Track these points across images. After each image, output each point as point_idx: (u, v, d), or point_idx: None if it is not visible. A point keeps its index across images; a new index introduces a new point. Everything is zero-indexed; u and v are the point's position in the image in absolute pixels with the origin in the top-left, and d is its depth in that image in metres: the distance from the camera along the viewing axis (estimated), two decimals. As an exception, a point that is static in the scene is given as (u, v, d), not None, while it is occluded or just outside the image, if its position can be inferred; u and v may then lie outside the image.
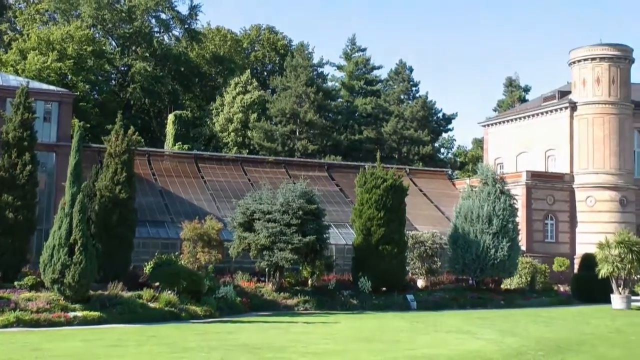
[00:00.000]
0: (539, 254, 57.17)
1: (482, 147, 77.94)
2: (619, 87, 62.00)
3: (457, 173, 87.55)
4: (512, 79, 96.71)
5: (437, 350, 24.40)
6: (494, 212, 44.53)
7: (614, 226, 57.37)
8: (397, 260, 41.92)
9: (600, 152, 61.40)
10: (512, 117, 70.79)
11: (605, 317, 37.50)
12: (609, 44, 62.68)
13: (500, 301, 43.04)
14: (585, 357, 24.39)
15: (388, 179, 42.37)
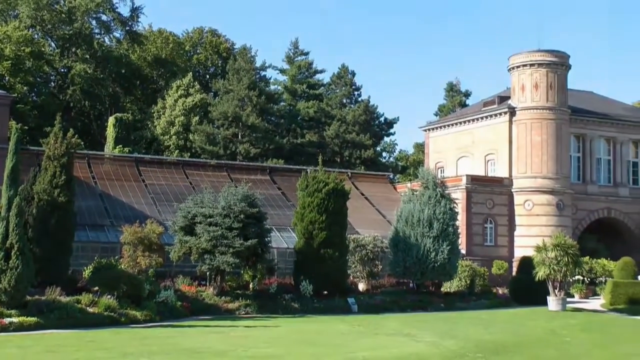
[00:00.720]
0: (478, 257, 57.95)
1: (424, 151, 78.70)
2: (557, 92, 63.23)
3: (398, 177, 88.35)
4: (453, 84, 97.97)
5: (378, 353, 24.61)
6: (435, 216, 45.02)
7: (551, 229, 58.44)
8: (339, 264, 42.09)
9: (538, 156, 62.52)
10: (453, 122, 71.66)
11: (542, 319, 38.24)
12: (547, 51, 63.88)
13: (440, 304, 43.51)
14: (521, 358, 24.90)
15: (330, 182, 42.51)
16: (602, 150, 68.43)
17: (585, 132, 66.81)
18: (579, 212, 65.18)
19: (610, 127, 68.08)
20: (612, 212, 67.17)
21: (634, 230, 67.63)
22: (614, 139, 68.19)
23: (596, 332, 33.73)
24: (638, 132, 69.15)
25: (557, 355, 25.79)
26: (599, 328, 35.36)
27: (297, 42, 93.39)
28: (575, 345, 28.48)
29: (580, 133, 66.62)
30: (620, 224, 67.96)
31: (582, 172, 66.90)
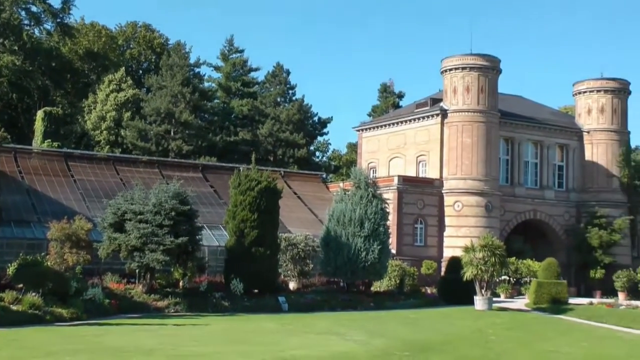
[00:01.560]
0: (408, 257, 58.59)
1: (356, 151, 79.20)
2: (487, 96, 64.36)
3: (331, 176, 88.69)
4: (386, 85, 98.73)
5: (306, 351, 24.67)
6: (366, 216, 45.34)
7: (480, 230, 59.50)
8: (270, 262, 42.08)
9: (468, 158, 63.53)
10: (386, 123, 72.29)
11: (468, 318, 38.94)
12: (479, 55, 64.96)
13: (370, 303, 43.84)
14: (448, 356, 25.29)
15: (262, 181, 42.45)
16: (530, 153, 70.01)
17: (514, 135, 68.24)
18: (507, 213, 66.53)
19: (538, 131, 69.68)
20: (538, 214, 68.78)
21: (558, 231, 69.39)
22: (541, 143, 69.82)
23: (520, 330, 34.50)
24: (564, 136, 70.96)
25: (482, 354, 26.28)
26: (522, 327, 36.18)
27: (232, 40, 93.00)
28: (499, 344, 29.08)
29: (509, 136, 68.01)
30: (545, 226, 69.64)
31: (510, 175, 68.33)
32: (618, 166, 70.15)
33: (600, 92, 71.11)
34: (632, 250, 70.26)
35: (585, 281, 65.82)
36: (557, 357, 26.40)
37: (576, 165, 71.20)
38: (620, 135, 70.98)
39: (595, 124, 70.86)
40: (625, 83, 71.87)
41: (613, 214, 68.50)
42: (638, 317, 40.91)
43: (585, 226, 67.75)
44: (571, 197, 70.63)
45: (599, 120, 70.76)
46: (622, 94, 71.57)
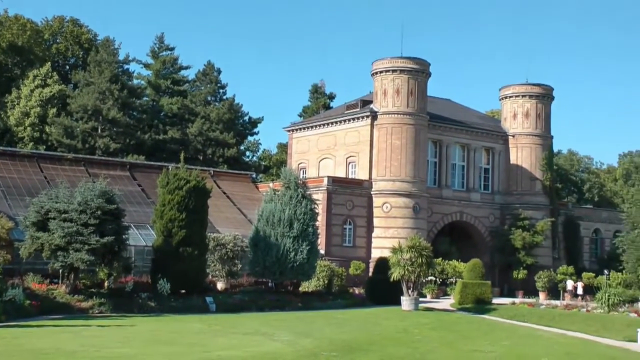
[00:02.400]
0: (337, 258, 58.91)
1: (287, 151, 79.23)
2: (417, 99, 65.15)
3: (261, 176, 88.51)
4: (317, 86, 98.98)
5: (233, 352, 24.58)
6: (295, 216, 45.39)
7: (407, 231, 60.22)
8: (198, 263, 41.76)
9: (397, 160, 64.19)
10: (316, 124, 72.55)
11: (395, 318, 39.38)
12: (409, 58, 65.68)
13: (298, 303, 43.92)
14: (374, 356, 25.49)
15: (191, 180, 42.08)
16: (457, 156, 71.20)
17: (442, 138, 69.28)
18: (434, 215, 67.52)
19: (466, 134, 70.94)
20: (464, 215, 70.02)
21: (483, 233, 70.75)
22: (468, 146, 71.07)
23: (445, 330, 35.04)
24: (490, 139, 72.38)
25: (407, 353, 26.58)
26: (447, 326, 36.76)
27: (162, 37, 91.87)
28: (425, 343, 29.48)
29: (437, 139, 69.02)
30: (471, 227, 70.92)
31: (438, 177, 69.36)
32: (541, 169, 71.91)
33: (525, 97, 72.78)
34: (553, 252, 72.12)
35: (509, 281, 67.30)
36: (480, 356, 26.90)
37: (501, 168, 72.70)
38: (544, 139, 72.76)
39: (520, 128, 72.49)
40: (549, 89, 73.71)
41: (536, 216, 70.19)
42: (557, 316, 42.13)
43: (509, 228, 69.27)
44: (496, 200, 72.10)
45: (524, 125, 72.40)
46: (546, 100, 73.38)
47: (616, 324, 38.06)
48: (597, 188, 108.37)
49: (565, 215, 76.47)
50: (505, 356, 27.13)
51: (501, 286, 65.61)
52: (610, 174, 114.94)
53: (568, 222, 76.19)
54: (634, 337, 34.38)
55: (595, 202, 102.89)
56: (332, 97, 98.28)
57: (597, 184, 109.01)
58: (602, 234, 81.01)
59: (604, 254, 78.90)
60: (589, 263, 77.00)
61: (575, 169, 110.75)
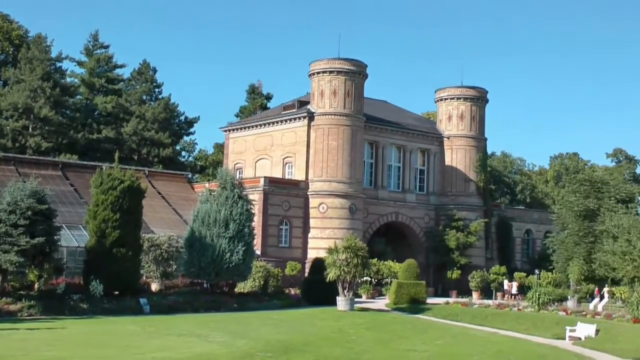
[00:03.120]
0: (273, 258, 58.84)
1: (223, 151, 78.77)
2: (354, 100, 65.46)
3: (197, 177, 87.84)
4: (255, 86, 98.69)
5: (168, 354, 24.39)
6: (231, 217, 45.20)
7: (343, 232, 60.48)
8: (131, 263, 41.25)
9: (334, 161, 64.40)
10: (253, 124, 72.34)
11: (330, 319, 39.57)
12: (346, 59, 65.94)
13: (233, 304, 43.74)
14: (309, 356, 25.59)
15: (125, 180, 41.53)
16: (393, 157, 71.82)
17: (378, 139, 69.78)
18: (370, 215, 67.96)
19: (402, 135, 71.58)
20: (399, 216, 70.65)
21: (418, 233, 71.52)
22: (404, 147, 71.75)
23: (380, 330, 35.37)
24: (426, 141, 73.21)
25: (342, 353, 26.75)
26: (382, 326, 37.12)
27: (97, 35, 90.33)
28: (359, 343, 29.71)
29: (373, 140, 69.49)
30: (406, 228, 71.61)
31: (374, 178, 69.83)
32: (475, 171, 73.03)
33: (460, 100, 73.81)
34: (486, 252, 73.33)
35: (443, 281, 68.17)
36: (414, 355, 27.23)
37: (436, 169, 73.60)
38: (478, 141, 73.93)
39: (455, 130, 73.49)
40: (483, 91, 74.91)
41: (469, 217, 71.26)
42: (490, 316, 42.91)
43: (443, 228, 70.17)
44: (431, 200, 72.96)
45: (459, 127, 73.44)
46: (481, 102, 74.57)
47: (546, 322, 38.98)
48: (529, 189, 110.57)
49: (498, 216, 77.87)
50: (439, 355, 27.52)
51: (435, 286, 66.46)
52: (541, 176, 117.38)
53: (501, 222, 77.61)
54: (562, 335, 35.29)
55: (527, 203, 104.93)
56: (269, 98, 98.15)
57: (529, 186, 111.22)
58: (534, 235, 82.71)
59: (535, 254, 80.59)
60: (520, 263, 78.55)
61: (508, 170, 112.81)
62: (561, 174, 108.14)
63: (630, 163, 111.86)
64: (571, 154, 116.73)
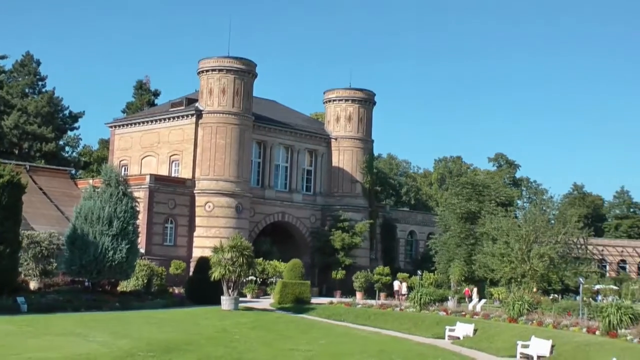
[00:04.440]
0: (157, 257, 58.14)
1: (109, 148, 77.10)
2: (242, 99, 65.34)
3: (81, 173, 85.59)
4: (142, 82, 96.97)
5: (47, 354, 23.79)
6: (115, 214, 44.33)
7: (229, 231, 60.35)
8: (9, 261, 39.74)
9: (221, 160, 64.11)
10: (140, 120, 71.16)
11: (214, 318, 39.40)
12: (236, 58, 65.74)
13: (115, 303, 42.85)
14: (192, 356, 25.46)
15: (5, 175, 40.00)
16: (281, 157, 72.13)
17: (266, 139, 69.93)
18: (257, 215, 68.05)
19: (290, 135, 71.98)
20: (286, 216, 71.03)
21: (304, 233, 72.10)
22: (292, 147, 72.17)
23: (264, 329, 35.50)
24: (313, 142, 73.86)
25: (225, 353, 26.73)
26: (266, 326, 37.26)
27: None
28: (243, 343, 29.75)
29: (262, 139, 69.60)
30: (292, 228, 72.06)
31: (261, 177, 69.95)
32: (362, 172, 74.20)
33: (348, 102, 74.82)
34: (370, 253, 74.64)
35: (328, 281, 68.94)
36: (297, 354, 27.49)
37: (324, 170, 74.36)
38: (365, 143, 75.12)
39: (342, 131, 74.44)
40: (371, 94, 76.19)
41: (355, 218, 72.33)
42: (372, 315, 43.74)
43: (329, 229, 70.96)
44: (318, 201, 73.67)
45: (347, 128, 74.42)
46: (368, 104, 75.81)
47: (426, 322, 40.08)
48: (414, 191, 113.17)
49: (383, 218, 79.40)
50: (322, 354, 27.89)
51: (320, 286, 67.15)
52: (426, 178, 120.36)
53: (386, 224, 79.18)
54: (442, 334, 36.41)
55: (412, 205, 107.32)
56: (157, 94, 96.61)
57: (414, 188, 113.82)
58: (417, 236, 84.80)
59: (418, 255, 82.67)
60: (404, 264, 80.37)
61: (394, 172, 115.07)
62: (445, 176, 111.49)
63: (510, 167, 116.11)
64: (455, 158, 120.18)
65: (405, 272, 70.28)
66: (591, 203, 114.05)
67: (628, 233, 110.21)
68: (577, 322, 34.56)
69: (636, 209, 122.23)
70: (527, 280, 52.93)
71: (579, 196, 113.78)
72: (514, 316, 37.42)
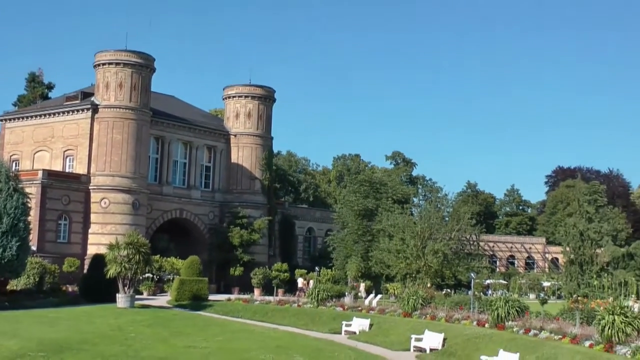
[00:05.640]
0: (50, 254, 56.60)
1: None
2: (140, 94, 64.24)
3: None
4: (35, 75, 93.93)
5: None
6: (5, 211, 42.89)
7: (126, 228, 59.26)
8: None
9: (118, 155, 62.84)
10: (33, 114, 68.97)
11: (109, 316, 38.70)
12: (134, 52, 64.55)
13: (5, 302, 41.40)
14: (86, 355, 24.96)
15: None
16: (180, 153, 71.31)
17: (164, 134, 69.01)
18: (154, 211, 67.09)
19: (189, 131, 71.24)
20: (184, 213, 70.28)
21: (202, 230, 71.53)
22: (190, 143, 71.43)
23: (160, 327, 35.11)
24: (213, 138, 73.33)
25: (120, 351, 26.31)
26: (163, 323, 36.86)
27: None
28: (139, 341, 29.35)
29: (160, 135, 68.62)
30: (190, 225, 71.37)
31: (159, 173, 68.96)
32: (261, 169, 74.15)
33: (248, 98, 74.62)
34: (269, 249, 74.72)
35: (226, 278, 68.59)
36: (194, 351, 27.33)
37: (223, 166, 73.93)
38: (264, 140, 75.12)
39: (242, 127, 74.20)
40: (271, 91, 76.21)
41: (254, 215, 72.23)
42: (270, 312, 43.90)
43: (228, 226, 70.59)
44: (216, 198, 73.19)
45: (246, 125, 74.21)
46: (268, 101, 75.81)
47: (324, 317, 40.51)
48: (313, 188, 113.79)
49: (282, 214, 79.61)
50: (219, 351, 27.82)
51: (218, 283, 66.74)
52: (325, 176, 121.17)
53: (284, 220, 79.41)
54: (339, 329, 36.88)
55: (310, 202, 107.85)
56: (50, 87, 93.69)
57: (312, 185, 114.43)
58: (316, 233, 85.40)
59: (316, 251, 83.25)
60: (302, 260, 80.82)
61: (293, 169, 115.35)
62: (343, 174, 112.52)
63: (407, 166, 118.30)
64: (353, 156, 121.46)
65: (304, 269, 70.69)
66: (483, 201, 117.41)
67: (517, 230, 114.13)
68: (468, 315, 35.55)
69: (525, 206, 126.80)
70: (422, 276, 54.12)
71: (472, 194, 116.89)
72: (409, 311, 38.25)
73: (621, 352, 22.83)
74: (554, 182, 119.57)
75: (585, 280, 60.51)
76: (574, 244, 62.69)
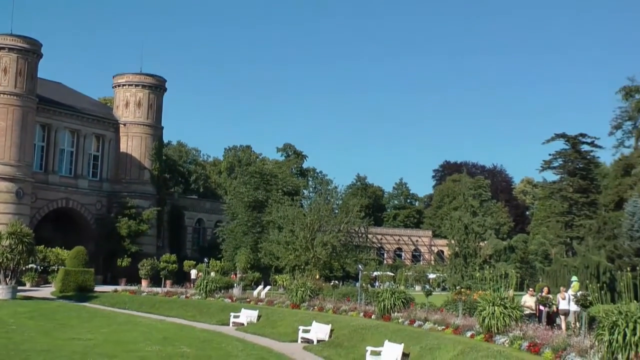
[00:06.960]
0: None
1: None
2: (26, 79, 62.40)
3: None
4: None
5: None
6: None
7: (9, 217, 57.59)
8: None
9: (1, 142, 60.86)
10: None
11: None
12: (20, 36, 62.65)
13: None
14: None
15: None
16: (67, 141, 69.65)
17: (51, 122, 67.26)
18: (39, 201, 65.34)
19: (76, 119, 69.68)
20: (70, 202, 68.74)
21: (89, 220, 70.13)
22: (78, 132, 69.88)
23: (43, 319, 34.35)
24: (101, 126, 71.95)
25: (0, 344, 25.65)
26: (46, 315, 36.06)
27: None
28: (20, 333, 28.67)
29: (46, 122, 66.84)
30: (77, 214, 69.86)
31: (45, 162, 67.17)
32: (151, 159, 73.27)
33: (138, 87, 73.53)
34: (158, 240, 73.94)
35: (113, 269, 67.47)
36: (78, 343, 26.88)
37: (111, 156, 72.64)
38: (155, 129, 74.24)
39: (132, 117, 73.09)
40: (162, 80, 75.34)
41: (143, 205, 71.33)
42: (158, 303, 43.58)
43: (115, 216, 69.44)
44: (104, 187, 71.88)
45: (136, 114, 73.14)
46: (159, 91, 74.92)
47: (212, 309, 40.49)
48: (203, 180, 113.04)
49: (171, 205, 78.89)
50: (104, 343, 27.47)
51: (105, 274, 65.63)
52: (215, 167, 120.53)
53: (173, 211, 78.73)
54: (227, 321, 36.99)
55: (201, 193, 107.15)
56: None
57: (203, 176, 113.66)
58: (205, 224, 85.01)
59: (205, 242, 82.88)
60: (191, 251, 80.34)
61: (183, 160, 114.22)
62: (234, 165, 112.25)
63: (298, 158, 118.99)
64: (244, 147, 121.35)
65: (192, 260, 70.30)
66: (372, 194, 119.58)
67: (405, 222, 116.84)
68: (355, 307, 36.22)
69: (413, 200, 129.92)
70: (310, 268, 54.74)
71: (362, 187, 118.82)
72: (297, 302, 38.68)
73: (500, 342, 23.83)
74: (441, 177, 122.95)
75: (469, 273, 62.54)
76: (458, 237, 64.84)
